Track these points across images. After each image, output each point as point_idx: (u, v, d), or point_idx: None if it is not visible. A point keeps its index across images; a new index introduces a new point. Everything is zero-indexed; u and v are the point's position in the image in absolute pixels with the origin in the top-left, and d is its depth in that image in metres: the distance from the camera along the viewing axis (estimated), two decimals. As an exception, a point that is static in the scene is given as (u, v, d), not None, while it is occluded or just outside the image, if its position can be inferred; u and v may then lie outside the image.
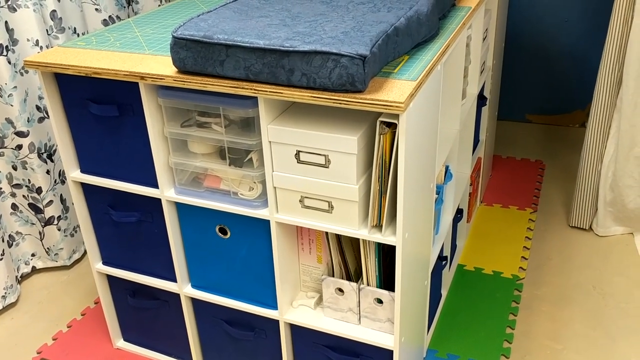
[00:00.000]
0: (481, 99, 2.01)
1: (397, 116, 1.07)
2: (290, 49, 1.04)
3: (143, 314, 1.61)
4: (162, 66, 1.22)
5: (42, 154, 1.88)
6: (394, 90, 1.05)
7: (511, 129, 2.92)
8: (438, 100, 1.30)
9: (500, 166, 2.57)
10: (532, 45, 2.80)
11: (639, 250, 2.02)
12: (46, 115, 1.88)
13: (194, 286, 1.48)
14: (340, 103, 1.05)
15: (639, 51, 1.81)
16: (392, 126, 1.11)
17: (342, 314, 1.36)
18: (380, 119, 1.10)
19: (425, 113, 1.19)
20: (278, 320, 1.40)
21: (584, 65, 2.76)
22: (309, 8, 1.27)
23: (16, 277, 1.95)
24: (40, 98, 1.86)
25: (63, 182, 1.98)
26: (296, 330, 1.42)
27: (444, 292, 1.85)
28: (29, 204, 1.93)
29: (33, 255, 2.02)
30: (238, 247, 1.36)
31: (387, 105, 1.02)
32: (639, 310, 1.76)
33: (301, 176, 1.19)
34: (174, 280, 1.48)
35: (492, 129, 2.36)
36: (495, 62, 2.15)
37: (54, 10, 1.82)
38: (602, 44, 2.69)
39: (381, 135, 1.11)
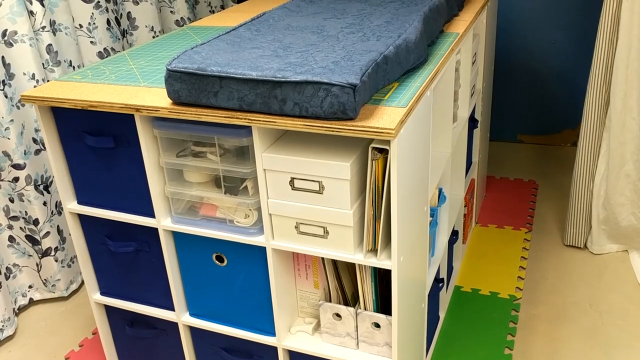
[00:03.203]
0: (472, 122, 2.04)
1: (388, 142, 1.09)
2: (283, 79, 1.06)
3: (141, 343, 1.61)
4: (157, 98, 1.24)
5: (39, 185, 1.90)
6: (385, 117, 1.08)
7: (503, 149, 2.95)
8: (429, 124, 1.33)
9: (494, 187, 2.59)
10: (521, 67, 2.84)
11: (634, 267, 2.03)
12: (42, 148, 1.90)
13: (192, 314, 1.48)
14: (332, 131, 1.07)
15: (624, 71, 1.85)
16: (384, 152, 1.13)
17: (340, 339, 1.36)
18: (372, 145, 1.12)
19: (416, 138, 1.22)
20: (276, 347, 1.40)
21: (573, 85, 2.80)
22: (300, 38, 1.30)
23: (13, 309, 1.94)
24: (37, 130, 1.88)
25: (60, 213, 1.99)
26: (294, 357, 1.42)
27: (442, 314, 1.85)
28: (26, 236, 1.94)
29: (30, 287, 2.02)
30: (235, 275, 1.37)
31: (378, 132, 1.04)
32: (636, 328, 1.77)
33: (296, 202, 1.21)
34: (172, 309, 1.48)
35: (485, 150, 2.39)
36: (485, 85, 2.19)
37: (50, 44, 1.84)
38: (589, 64, 2.73)
39: (373, 161, 1.13)
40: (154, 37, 2.29)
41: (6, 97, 1.75)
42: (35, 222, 1.91)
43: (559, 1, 2.67)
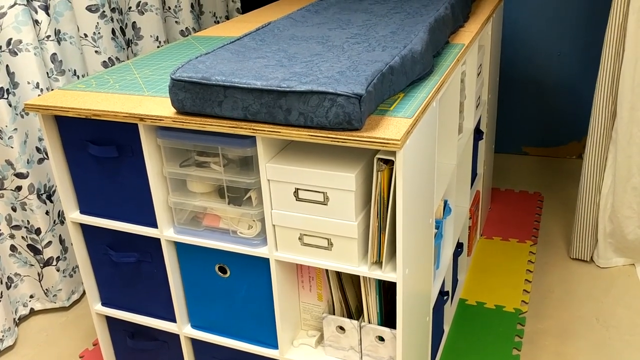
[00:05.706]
0: (478, 133, 2.03)
1: (394, 153, 1.08)
2: (287, 89, 1.06)
3: (142, 355, 1.60)
4: (161, 107, 1.23)
5: (42, 194, 1.89)
6: (390, 127, 1.07)
7: (508, 161, 2.94)
8: (434, 136, 1.32)
9: (499, 199, 2.58)
10: (526, 79, 2.84)
11: (641, 281, 2.01)
12: (46, 157, 1.90)
13: (194, 326, 1.46)
14: (337, 141, 1.06)
15: (631, 83, 1.83)
16: (390, 163, 1.12)
17: (343, 353, 1.35)
18: (378, 156, 1.11)
19: (422, 149, 1.20)
20: (279, 360, 1.39)
21: (579, 97, 2.79)
22: (305, 48, 1.29)
23: (14, 319, 1.93)
24: (40, 139, 1.88)
25: (62, 222, 1.98)
26: (297, 370, 1.40)
27: (446, 328, 1.83)
28: (28, 245, 1.93)
29: (31, 296, 2.01)
30: (238, 286, 1.35)
31: (384, 143, 1.03)
32: (644, 343, 1.75)
33: (300, 214, 1.20)
34: (174, 320, 1.47)
35: (490, 162, 2.37)
36: (491, 97, 2.18)
37: (55, 54, 1.84)
38: (595, 76, 2.72)
39: (379, 172, 1.11)
40: (158, 47, 2.29)
41: (10, 105, 1.75)
42: (37, 231, 1.91)
43: (564, 13, 2.66)
